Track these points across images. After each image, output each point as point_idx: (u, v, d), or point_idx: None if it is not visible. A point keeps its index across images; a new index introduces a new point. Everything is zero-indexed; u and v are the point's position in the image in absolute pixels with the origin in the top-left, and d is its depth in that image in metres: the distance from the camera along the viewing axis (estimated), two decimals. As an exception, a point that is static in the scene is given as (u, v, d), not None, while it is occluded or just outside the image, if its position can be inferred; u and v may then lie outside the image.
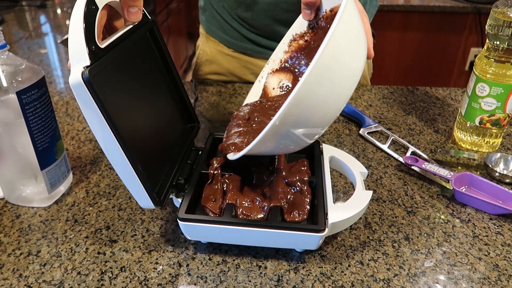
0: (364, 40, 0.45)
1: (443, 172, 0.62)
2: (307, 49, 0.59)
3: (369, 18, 0.92)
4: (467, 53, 2.06)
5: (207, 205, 0.52)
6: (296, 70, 0.60)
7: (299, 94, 0.39)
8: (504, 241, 0.53)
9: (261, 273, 0.49)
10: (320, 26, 0.56)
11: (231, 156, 0.50)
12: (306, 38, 0.59)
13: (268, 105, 0.57)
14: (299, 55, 0.60)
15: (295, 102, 0.40)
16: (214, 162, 0.58)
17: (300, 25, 0.60)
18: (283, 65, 0.61)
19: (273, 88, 0.61)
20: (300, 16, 0.58)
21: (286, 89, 0.60)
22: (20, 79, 0.51)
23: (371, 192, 0.53)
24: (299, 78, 0.58)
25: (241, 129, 0.55)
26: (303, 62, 0.59)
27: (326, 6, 0.55)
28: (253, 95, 0.63)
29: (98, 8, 0.43)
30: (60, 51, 1.21)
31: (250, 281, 0.48)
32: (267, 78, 0.63)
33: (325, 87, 0.41)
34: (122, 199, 0.60)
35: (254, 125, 0.54)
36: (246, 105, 0.60)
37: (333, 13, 0.54)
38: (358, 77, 0.44)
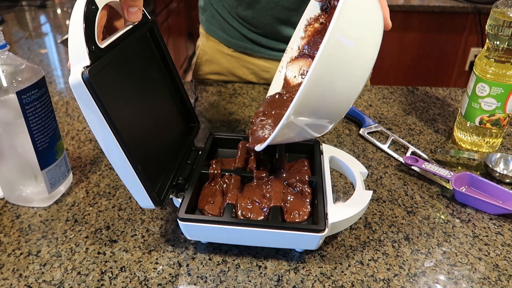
0: (379, 9, 0.44)
1: (443, 172, 0.62)
2: (323, 32, 0.57)
3: None
4: (467, 53, 2.06)
5: (205, 208, 0.52)
6: (314, 54, 0.58)
7: (314, 74, 0.38)
8: (504, 241, 0.53)
9: (261, 273, 0.49)
10: (333, 6, 0.55)
11: (258, 148, 0.50)
12: (321, 20, 0.57)
13: (287, 96, 0.56)
14: (316, 39, 0.58)
15: (312, 83, 0.39)
16: (214, 162, 0.58)
17: (313, 8, 0.58)
18: (301, 52, 0.60)
19: (294, 77, 0.60)
20: (312, 0, 0.57)
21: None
22: (20, 79, 0.51)
23: (371, 192, 0.53)
24: None
25: (262, 123, 0.54)
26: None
27: None
28: (275, 87, 0.62)
29: (98, 8, 0.43)
30: (60, 51, 1.21)
31: (250, 281, 0.48)
32: (287, 67, 0.61)
33: (342, 64, 0.40)
34: (122, 199, 0.60)
35: (272, 118, 0.54)
36: (267, 98, 0.60)
37: None
38: (377, 48, 0.43)
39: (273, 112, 0.54)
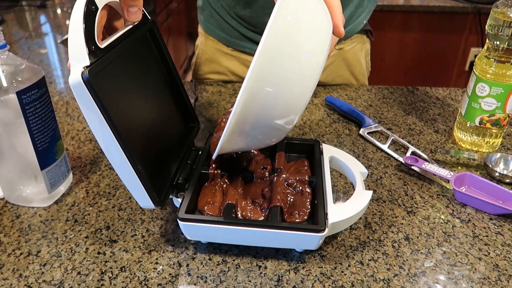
0: (324, 15, 0.42)
1: (443, 172, 0.62)
2: None
3: (367, 14, 0.92)
4: (467, 53, 2.06)
5: (204, 209, 0.51)
6: None
7: (249, 88, 0.38)
8: (504, 241, 0.53)
9: (261, 273, 0.49)
10: None
11: (213, 156, 0.50)
12: None
13: None
14: None
15: (247, 97, 0.38)
16: (213, 162, 0.58)
17: None
18: None
19: None
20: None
21: None
22: (20, 79, 0.51)
23: (371, 192, 0.53)
24: None
25: (220, 131, 0.54)
26: None
27: None
28: None
29: (98, 8, 0.43)
30: (60, 51, 1.21)
31: (250, 281, 0.48)
32: None
33: (280, 74, 0.39)
34: (122, 199, 0.60)
35: None
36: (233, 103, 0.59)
37: None
38: (321, 58, 0.41)
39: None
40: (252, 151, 0.60)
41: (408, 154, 0.70)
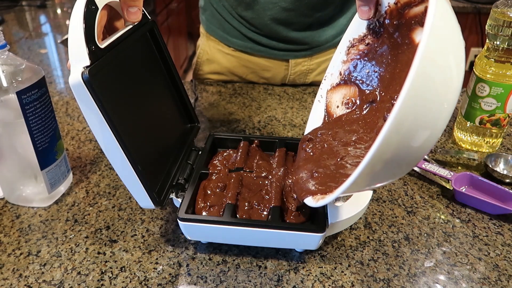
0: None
1: (443, 172, 0.62)
2: (370, 54, 0.49)
3: None
4: (467, 53, 2.06)
5: (204, 209, 0.51)
6: (360, 81, 0.50)
7: (401, 111, 0.30)
8: (504, 241, 0.53)
9: (261, 273, 0.49)
10: (384, 25, 0.47)
11: (312, 203, 0.43)
12: (367, 41, 0.50)
13: (333, 136, 0.49)
14: (361, 62, 0.50)
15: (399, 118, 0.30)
16: (214, 161, 0.58)
17: (356, 27, 0.50)
18: (344, 78, 0.52)
19: (337, 107, 0.53)
20: (356, 17, 0.49)
21: (352, 106, 0.50)
22: (20, 79, 0.51)
23: (371, 192, 0.53)
24: (366, 91, 0.49)
25: (314, 170, 0.46)
26: (368, 70, 0.50)
27: None
28: (315, 118, 0.55)
29: (98, 8, 0.43)
30: (60, 51, 1.21)
31: (250, 281, 0.48)
32: (327, 96, 0.54)
33: (430, 96, 0.31)
34: (122, 199, 0.60)
35: (328, 163, 0.46)
36: (310, 133, 0.52)
37: (398, 5, 0.44)
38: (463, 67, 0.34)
39: (325, 157, 0.47)
40: (251, 150, 0.60)
41: (408, 154, 0.69)
